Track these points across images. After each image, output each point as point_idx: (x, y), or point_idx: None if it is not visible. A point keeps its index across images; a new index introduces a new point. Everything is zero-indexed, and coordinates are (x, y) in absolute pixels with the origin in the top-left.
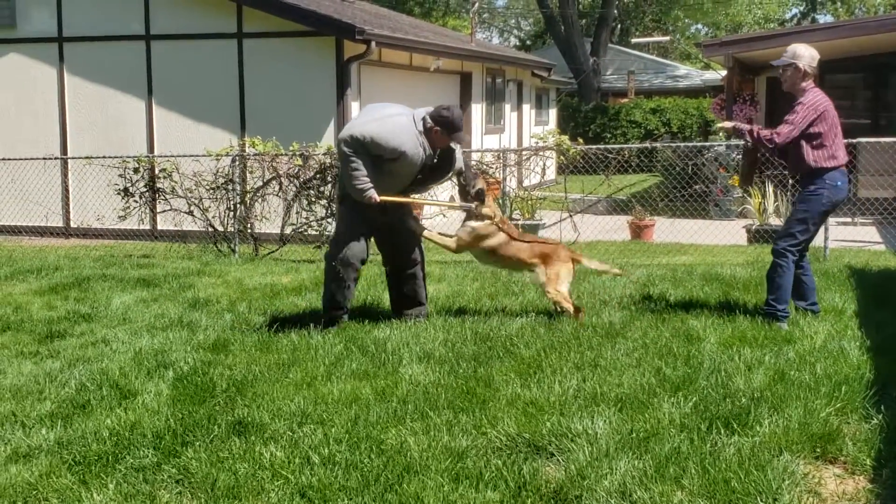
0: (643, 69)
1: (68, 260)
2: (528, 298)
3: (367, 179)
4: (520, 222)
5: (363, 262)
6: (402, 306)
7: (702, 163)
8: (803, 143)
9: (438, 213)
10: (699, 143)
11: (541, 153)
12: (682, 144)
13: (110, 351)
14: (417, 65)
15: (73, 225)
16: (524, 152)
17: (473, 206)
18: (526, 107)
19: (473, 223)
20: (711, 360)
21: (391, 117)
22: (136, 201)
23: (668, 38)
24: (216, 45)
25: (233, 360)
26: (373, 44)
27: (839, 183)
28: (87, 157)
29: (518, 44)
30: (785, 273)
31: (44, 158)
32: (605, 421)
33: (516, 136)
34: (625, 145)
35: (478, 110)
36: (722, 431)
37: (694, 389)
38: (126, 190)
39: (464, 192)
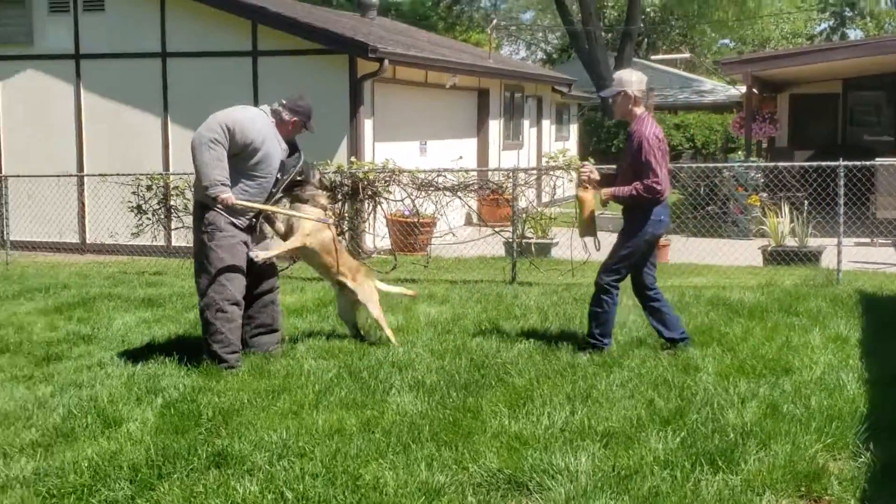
0: (668, 84)
1: (79, 278)
2: (529, 323)
3: (227, 174)
4: (532, 241)
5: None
6: (257, 334)
7: (720, 181)
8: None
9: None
10: (716, 164)
11: (552, 172)
12: (699, 165)
13: (104, 375)
14: (433, 82)
15: (88, 241)
16: (534, 171)
17: (329, 218)
18: (546, 122)
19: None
20: (705, 392)
21: (247, 109)
22: (148, 219)
23: (688, 55)
24: (232, 62)
25: (224, 386)
26: (386, 62)
27: (663, 217)
28: (101, 175)
29: (544, 57)
30: (610, 307)
31: (58, 175)
32: (588, 457)
33: (535, 152)
34: None
35: (495, 126)
36: (706, 469)
37: (684, 423)
38: (139, 207)
39: (298, 186)
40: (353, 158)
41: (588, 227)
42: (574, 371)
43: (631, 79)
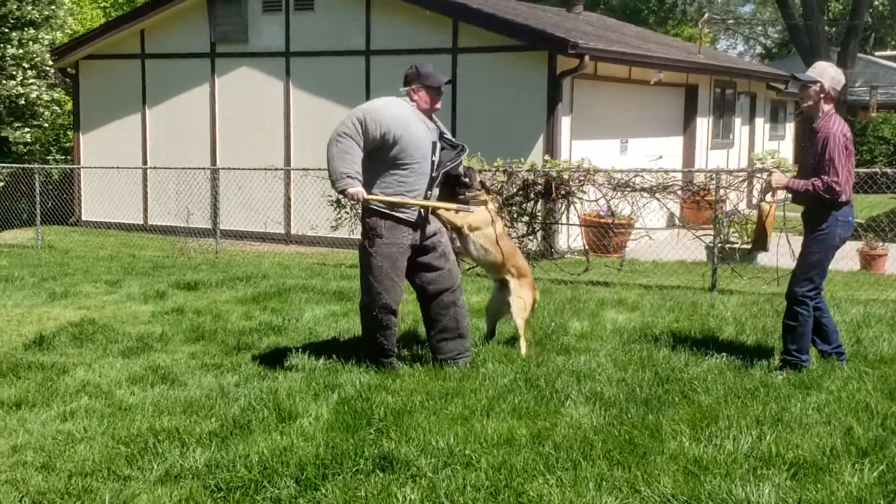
0: (894, 82)
1: (279, 268)
2: (724, 336)
3: (358, 168)
4: (736, 246)
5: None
6: (442, 340)
7: None
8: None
9: None
10: None
11: (759, 175)
12: None
13: (288, 367)
14: (637, 78)
15: (293, 232)
16: (740, 173)
17: (469, 207)
18: (759, 120)
19: (477, 208)
20: None
21: (384, 99)
22: (346, 212)
23: None
24: (432, 59)
25: (399, 385)
26: (586, 58)
27: (850, 218)
28: (303, 169)
29: (762, 52)
30: (807, 321)
31: (265, 169)
32: (772, 488)
33: (747, 152)
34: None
35: (703, 124)
36: None
37: (883, 456)
38: (338, 202)
39: (462, 187)
40: (546, 157)
41: (761, 239)
42: (767, 391)
43: (830, 73)
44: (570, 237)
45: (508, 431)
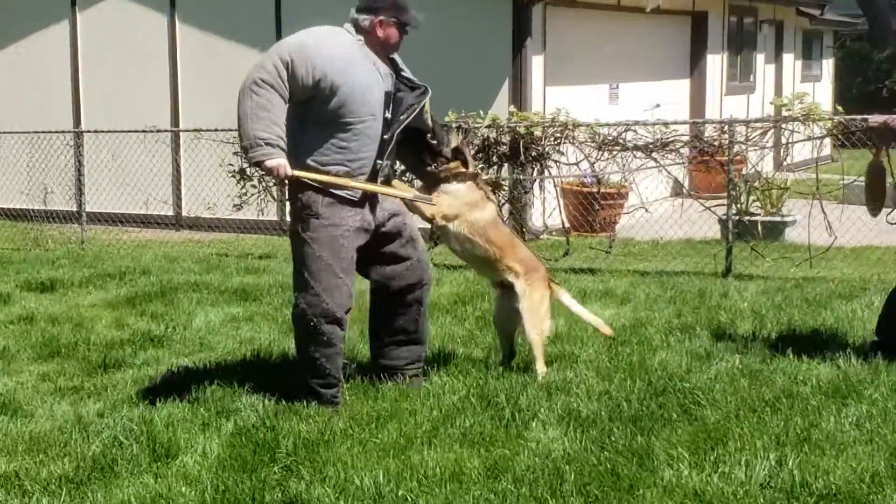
0: None
1: (165, 261)
2: (738, 332)
3: (281, 131)
4: (759, 219)
5: (349, 310)
6: (392, 344)
7: None
8: None
9: None
10: None
11: (785, 125)
12: None
13: (168, 389)
14: (629, 4)
15: (185, 214)
16: (759, 125)
17: (430, 198)
18: (788, 57)
19: (455, 185)
20: None
21: (322, 29)
22: (254, 186)
23: None
24: None
25: (315, 409)
26: None
27: None
28: (195, 130)
29: None
30: None
31: (145, 131)
32: None
33: (773, 97)
34: None
35: (715, 63)
36: None
37: None
38: (242, 172)
39: (431, 154)
40: (513, 108)
41: (876, 198)
42: (791, 402)
43: None
44: (547, 212)
45: (456, 463)
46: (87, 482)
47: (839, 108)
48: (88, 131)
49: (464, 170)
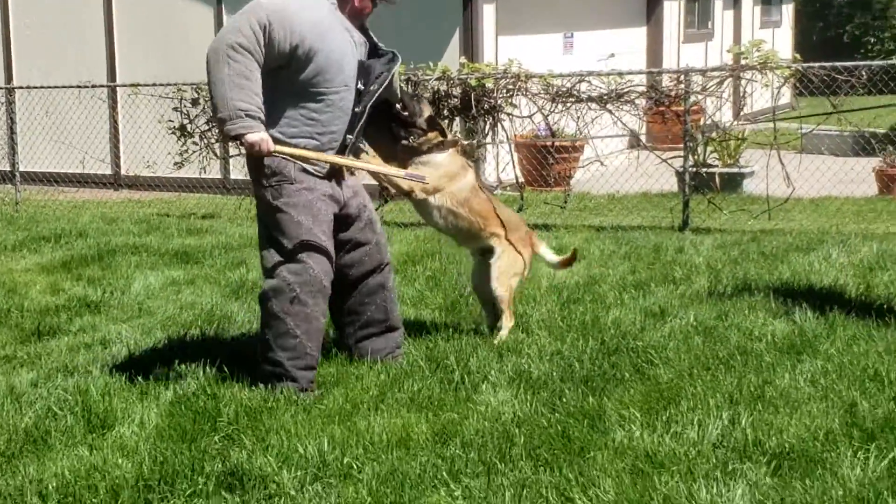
0: None
1: (103, 223)
2: (692, 289)
3: (260, 101)
4: (716, 171)
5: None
6: (365, 337)
7: None
8: None
9: None
10: None
11: (743, 74)
12: None
13: (105, 358)
14: None
15: (123, 173)
16: (716, 73)
17: (423, 176)
18: (746, 2)
19: (433, 156)
20: None
21: None
22: (195, 143)
23: None
24: None
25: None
26: None
27: None
28: (133, 85)
29: None
30: None
31: (79, 87)
32: (746, 487)
33: (732, 44)
34: (863, 62)
35: (672, 10)
36: None
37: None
38: (182, 128)
39: (403, 126)
40: (463, 59)
41: None
42: (745, 359)
43: None
44: (500, 167)
45: (403, 429)
46: (18, 455)
47: (797, 56)
48: (20, 87)
49: (443, 139)
